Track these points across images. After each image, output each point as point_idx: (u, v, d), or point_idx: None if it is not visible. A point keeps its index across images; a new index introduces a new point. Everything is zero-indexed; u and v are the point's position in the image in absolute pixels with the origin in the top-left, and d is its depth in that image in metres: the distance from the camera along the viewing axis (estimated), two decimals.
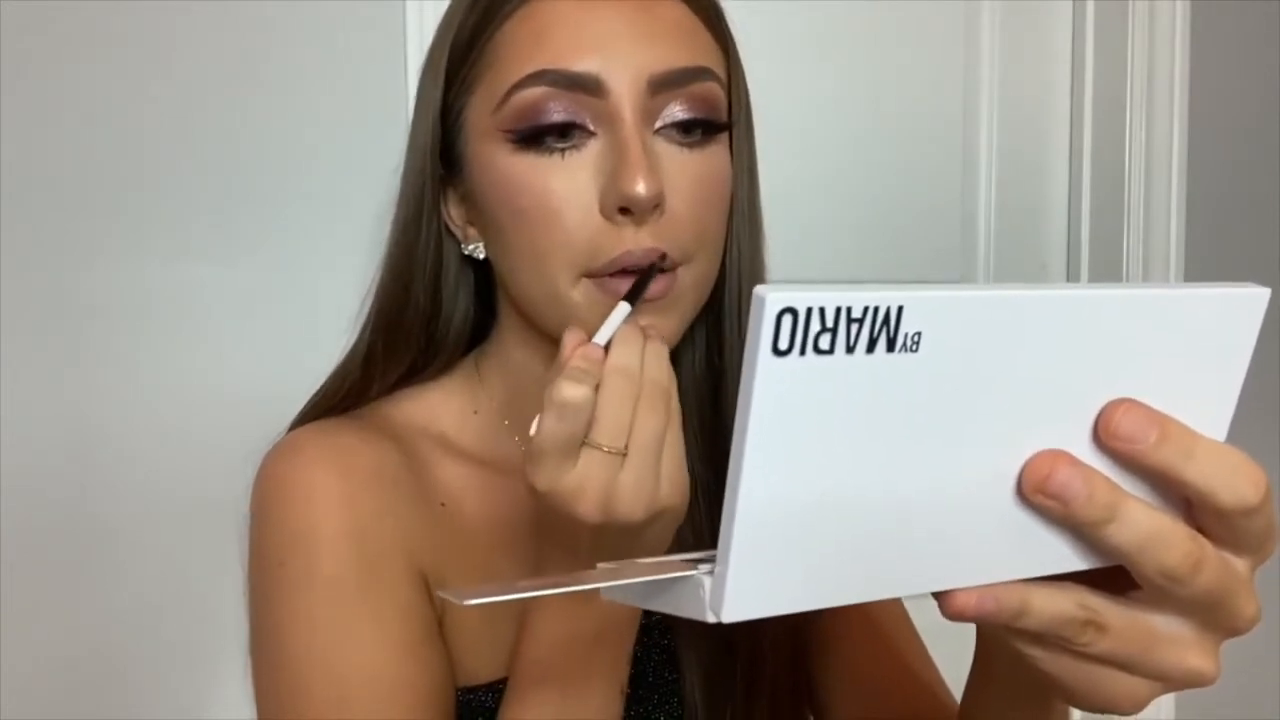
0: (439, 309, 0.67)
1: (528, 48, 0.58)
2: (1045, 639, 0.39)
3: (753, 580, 0.33)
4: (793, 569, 0.34)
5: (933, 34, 1.46)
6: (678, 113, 0.59)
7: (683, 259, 0.59)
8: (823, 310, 0.30)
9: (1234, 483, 0.37)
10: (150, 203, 1.11)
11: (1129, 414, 0.36)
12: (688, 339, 0.65)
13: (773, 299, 0.30)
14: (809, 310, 0.30)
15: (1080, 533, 0.37)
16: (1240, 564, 0.39)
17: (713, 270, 0.63)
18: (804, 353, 0.31)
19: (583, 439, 0.51)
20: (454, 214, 0.66)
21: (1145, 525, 0.36)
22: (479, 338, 0.70)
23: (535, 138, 0.58)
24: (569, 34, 0.58)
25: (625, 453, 0.51)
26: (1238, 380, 0.39)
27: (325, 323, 0.69)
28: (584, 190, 0.58)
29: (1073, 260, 1.55)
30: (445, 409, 0.68)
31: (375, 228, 0.69)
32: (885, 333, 0.32)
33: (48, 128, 1.08)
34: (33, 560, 1.08)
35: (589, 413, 0.50)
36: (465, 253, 0.66)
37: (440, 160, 0.64)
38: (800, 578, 0.34)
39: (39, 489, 1.08)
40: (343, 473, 0.61)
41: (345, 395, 0.68)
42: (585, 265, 0.58)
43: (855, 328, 0.31)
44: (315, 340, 0.71)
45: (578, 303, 0.59)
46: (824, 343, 0.31)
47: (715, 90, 0.61)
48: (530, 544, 0.61)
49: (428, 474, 0.66)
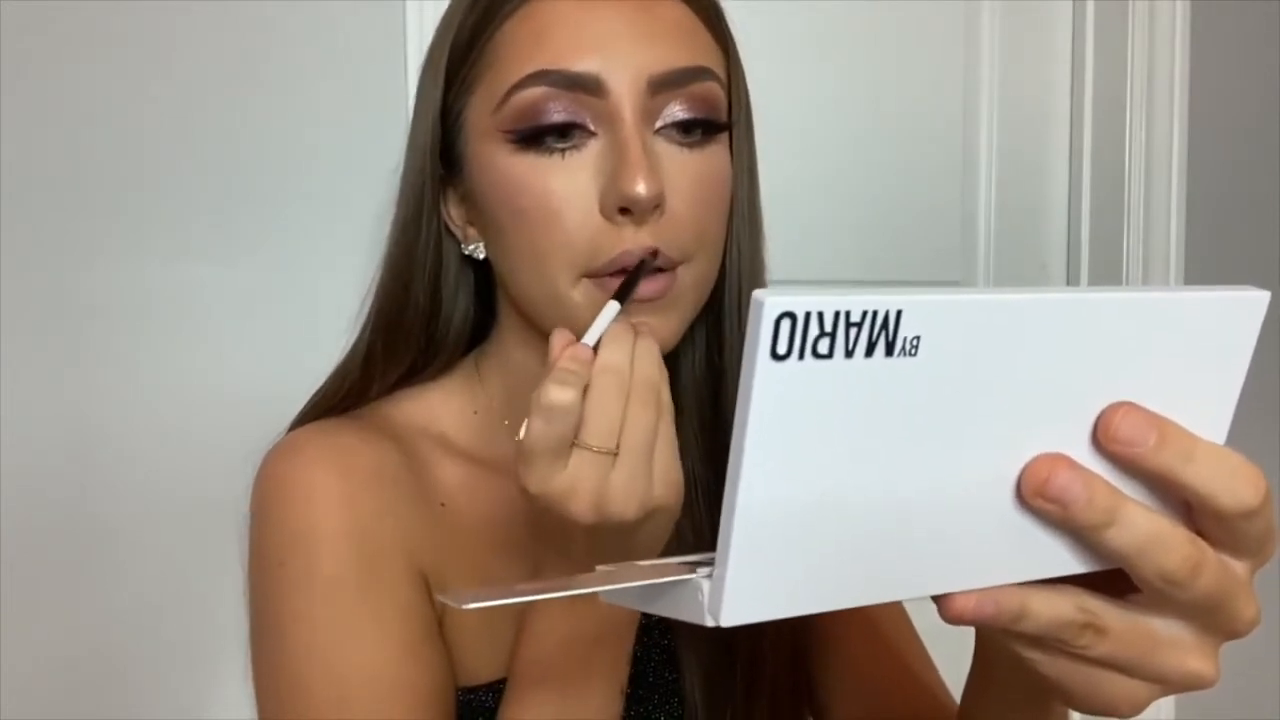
0: (439, 309, 0.67)
1: (528, 48, 0.58)
2: (1044, 642, 0.39)
3: (751, 584, 0.33)
4: (792, 573, 0.34)
5: (933, 34, 1.46)
6: (678, 113, 0.59)
7: (683, 259, 0.59)
8: (821, 314, 0.30)
9: (1233, 486, 0.37)
10: (150, 203, 1.11)
11: (1128, 417, 0.36)
12: (688, 339, 0.65)
13: (771, 303, 0.30)
14: (807, 314, 0.30)
15: (1079, 536, 0.37)
16: (1239, 567, 0.39)
17: (713, 270, 0.63)
18: (803, 357, 0.31)
19: (572, 440, 0.50)
20: (454, 214, 0.66)
21: (1144, 528, 0.36)
22: (479, 338, 0.70)
23: (535, 138, 0.58)
24: (569, 34, 0.58)
25: (616, 452, 0.51)
26: (1237, 383, 0.39)
27: (325, 323, 0.69)
28: (584, 190, 0.58)
29: (1073, 260, 1.55)
30: (445, 409, 0.68)
31: (375, 228, 0.69)
32: (884, 337, 0.32)
33: (48, 128, 1.08)
34: (33, 560, 1.08)
35: (577, 414, 0.50)
36: (465, 253, 0.66)
37: (440, 160, 0.64)
38: (799, 581, 0.34)
39: (39, 489, 1.08)
40: (343, 473, 0.61)
41: (345, 395, 0.68)
42: (585, 265, 0.58)
43: (854, 332, 0.31)
44: (315, 340, 0.71)
45: (578, 303, 0.59)
46: (823, 347, 0.31)
47: (715, 90, 0.61)
48: (530, 544, 0.61)
49: (427, 474, 0.66)
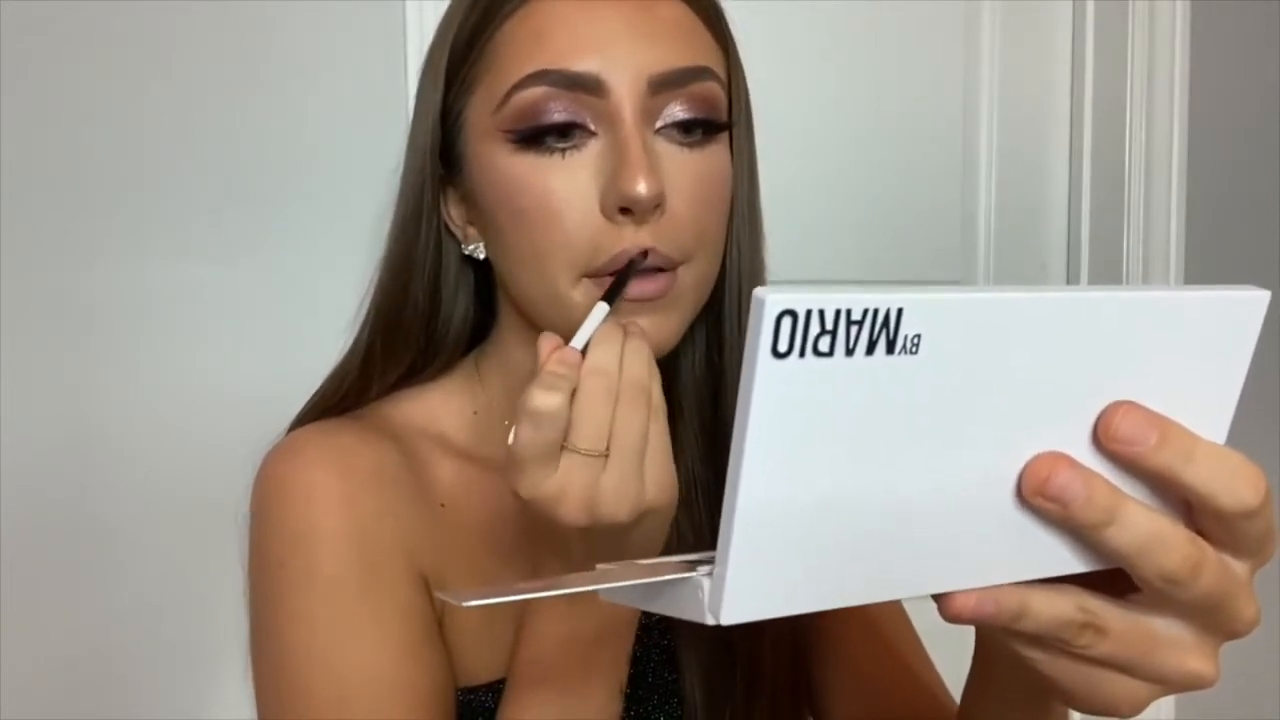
0: (438, 309, 0.67)
1: (528, 48, 0.58)
2: (1044, 641, 0.39)
3: (752, 582, 0.33)
4: (792, 571, 0.34)
5: (933, 34, 1.46)
6: (678, 113, 0.59)
7: (683, 259, 0.59)
8: (822, 312, 0.30)
9: (1233, 485, 0.37)
10: (150, 203, 1.11)
11: (1129, 416, 0.36)
12: (688, 339, 0.65)
13: (772, 301, 0.30)
14: (809, 312, 0.30)
15: (1080, 535, 0.37)
16: (1240, 566, 0.39)
17: (713, 270, 0.63)
18: (803, 355, 0.31)
19: (561, 444, 0.50)
20: (454, 214, 0.66)
21: (1145, 528, 0.36)
22: (479, 338, 0.70)
23: (536, 138, 0.58)
24: (569, 34, 0.58)
25: (607, 454, 0.51)
26: (1238, 383, 0.39)
27: (325, 323, 0.69)
28: (584, 190, 0.58)
29: (1073, 260, 1.55)
30: (445, 409, 0.68)
31: (375, 228, 0.69)
32: (885, 335, 0.32)
33: (48, 128, 1.08)
34: (33, 560, 1.08)
35: (564, 419, 0.50)
36: (465, 253, 0.66)
37: (440, 160, 0.64)
38: (799, 580, 0.34)
39: (39, 489, 1.08)
40: (343, 473, 0.61)
41: (344, 395, 0.68)
42: (585, 265, 0.58)
43: (855, 330, 0.31)
44: (315, 340, 0.70)
45: (578, 303, 0.59)
46: (823, 345, 0.31)
47: (715, 90, 0.61)
48: (528, 544, 0.61)
49: (427, 474, 0.66)
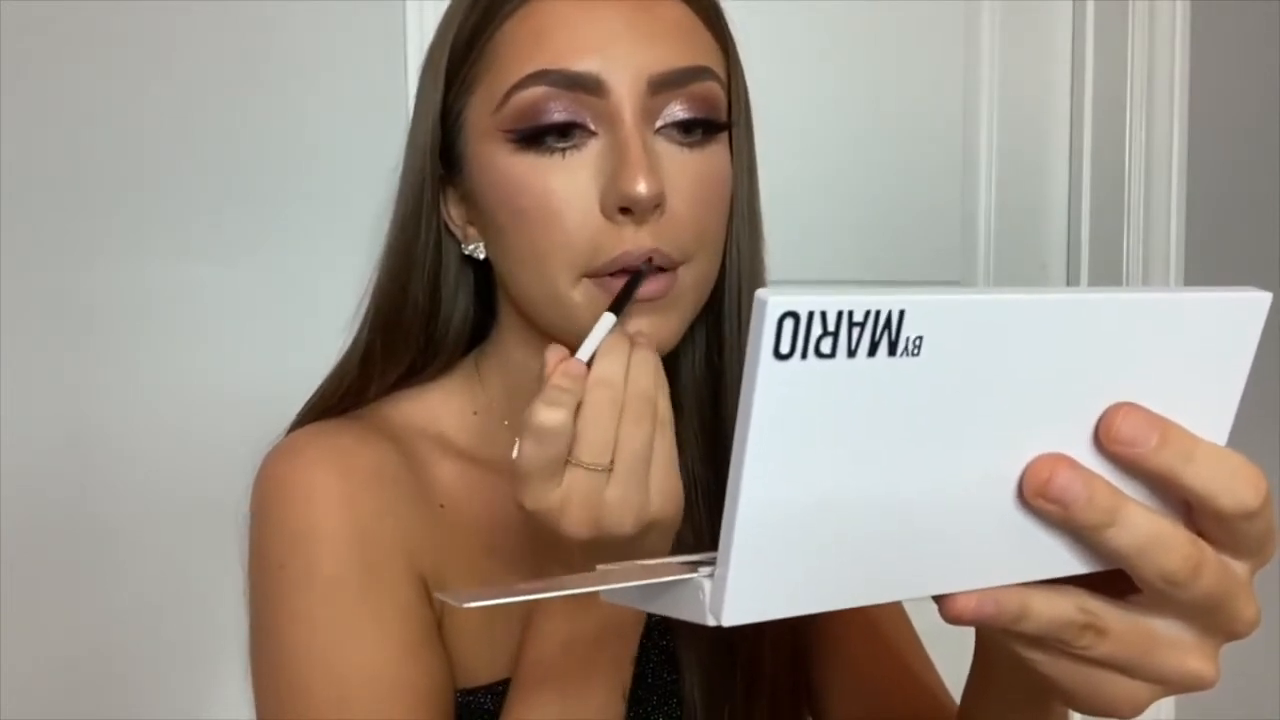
0: (438, 309, 0.67)
1: (528, 48, 0.58)
2: (1045, 642, 0.39)
3: (753, 584, 0.33)
4: (793, 572, 0.34)
5: (933, 34, 1.46)
6: (678, 112, 0.59)
7: (683, 259, 0.59)
8: (824, 314, 0.30)
9: (1234, 486, 0.37)
10: (150, 203, 1.11)
11: (1129, 418, 0.36)
12: (688, 339, 0.65)
13: (774, 303, 0.30)
14: (810, 314, 0.30)
15: (1080, 536, 0.37)
16: (1240, 567, 0.39)
17: (713, 270, 0.63)
18: (805, 356, 0.31)
19: (565, 458, 0.50)
20: (454, 214, 0.65)
21: (1145, 529, 0.36)
22: (479, 338, 0.70)
23: (535, 138, 0.58)
24: (569, 34, 0.58)
25: (611, 467, 0.51)
26: (1239, 384, 0.39)
27: (325, 323, 0.69)
28: (584, 190, 0.58)
29: (1073, 260, 1.55)
30: (445, 409, 0.68)
31: (375, 228, 0.69)
32: (887, 336, 0.31)
33: (48, 128, 1.08)
34: (33, 560, 1.08)
35: (568, 434, 0.50)
36: (465, 253, 0.66)
37: (440, 160, 0.64)
38: (800, 581, 0.34)
39: (39, 489, 1.08)
40: (343, 473, 0.61)
41: (344, 395, 0.67)
42: (586, 265, 0.58)
43: (857, 331, 0.31)
44: (315, 340, 0.70)
45: (578, 303, 0.59)
46: (825, 346, 0.31)
47: (715, 90, 0.61)
48: (530, 545, 0.61)
49: (427, 475, 0.65)
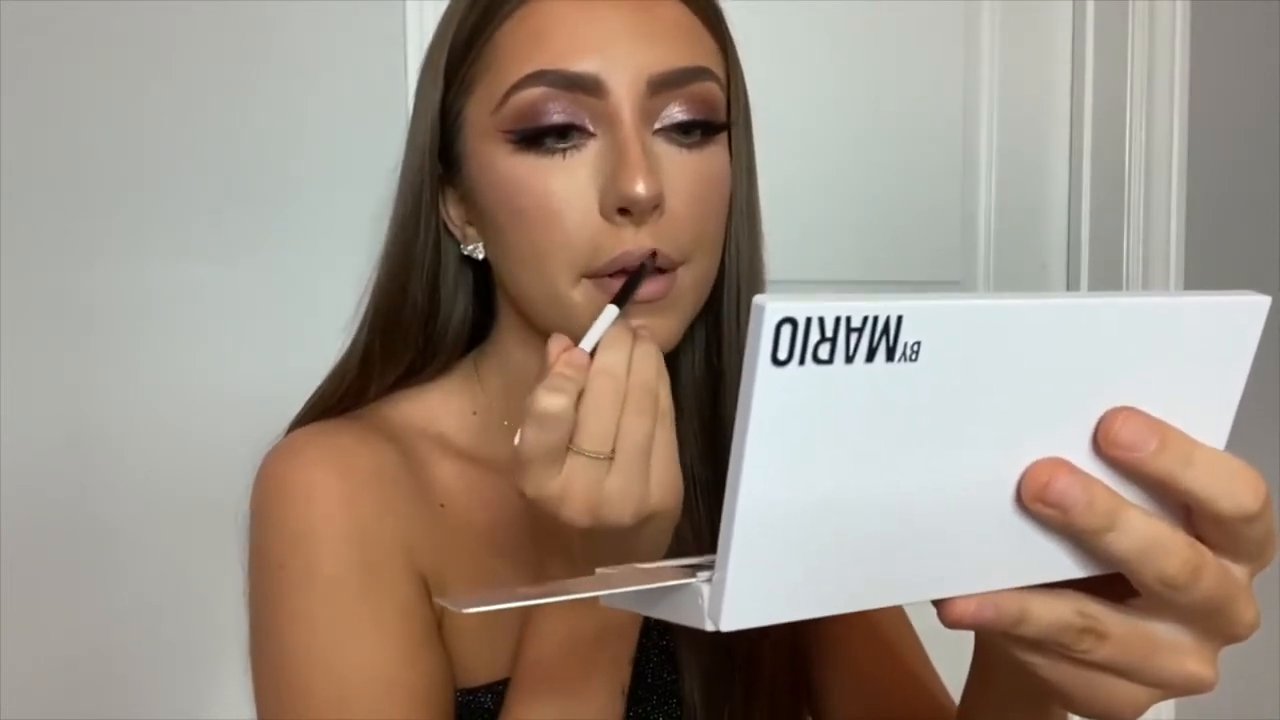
0: (437, 309, 0.67)
1: (527, 48, 0.58)
2: (1044, 646, 0.39)
3: (751, 588, 0.33)
4: (791, 577, 0.34)
5: (933, 34, 1.46)
6: (677, 113, 0.59)
7: (682, 259, 0.59)
8: (822, 320, 0.30)
9: (1233, 490, 0.37)
10: (150, 203, 1.11)
11: (1128, 422, 0.36)
12: (687, 339, 0.65)
13: (772, 309, 0.30)
14: (808, 320, 0.30)
15: (1080, 540, 0.37)
16: (1239, 571, 0.39)
17: (712, 270, 0.63)
18: (803, 362, 0.31)
19: (567, 445, 0.50)
20: (453, 214, 0.65)
21: (1144, 533, 0.36)
22: (478, 338, 0.70)
23: (535, 138, 0.58)
24: (568, 34, 0.58)
25: (612, 457, 0.51)
26: (1237, 388, 0.39)
27: (325, 323, 0.69)
28: (584, 191, 0.58)
29: (1073, 260, 1.55)
30: (444, 409, 0.68)
31: (375, 228, 0.69)
32: (884, 342, 0.31)
33: (48, 128, 1.07)
34: (33, 560, 1.08)
35: (569, 421, 0.50)
36: (464, 253, 0.66)
37: (439, 160, 0.64)
38: (799, 586, 0.34)
39: (39, 489, 1.08)
40: (342, 473, 0.61)
41: (343, 395, 0.68)
42: (585, 266, 0.58)
43: (854, 337, 0.31)
44: (315, 340, 0.70)
45: (578, 303, 0.59)
46: (823, 352, 0.31)
47: (714, 90, 0.61)
48: (530, 545, 0.61)
49: (426, 475, 0.66)
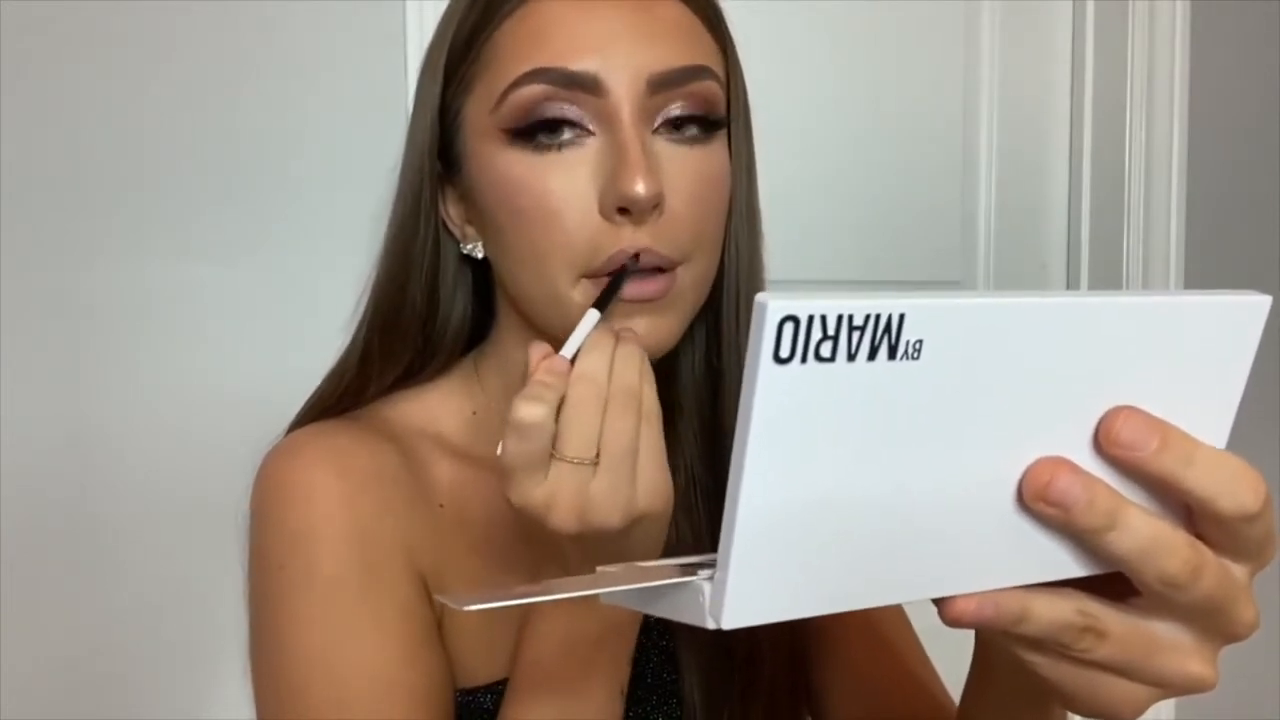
0: (436, 309, 0.67)
1: (526, 47, 0.58)
2: (1045, 645, 0.39)
3: (753, 587, 0.33)
4: (793, 576, 0.34)
5: (933, 34, 1.46)
6: (676, 112, 0.59)
7: (682, 259, 0.59)
8: (824, 318, 0.30)
9: (1234, 490, 0.37)
10: (150, 203, 1.11)
11: (1129, 421, 0.36)
12: (687, 338, 0.65)
13: (774, 307, 0.30)
14: (810, 318, 0.30)
15: (1081, 539, 0.37)
16: (1239, 570, 0.39)
17: (711, 269, 0.63)
18: (805, 360, 0.31)
19: (549, 453, 0.50)
20: (452, 213, 0.65)
21: (1145, 532, 0.36)
22: (478, 338, 0.70)
23: (533, 135, 0.58)
24: (568, 34, 0.58)
25: (597, 461, 0.51)
26: (1238, 388, 0.39)
27: (325, 323, 0.69)
28: (583, 190, 0.58)
29: (1073, 260, 1.55)
30: (443, 410, 0.68)
31: (375, 228, 0.69)
32: (887, 340, 0.31)
33: (48, 128, 1.08)
34: (33, 560, 1.08)
35: (549, 429, 0.50)
36: (464, 252, 0.65)
37: (439, 159, 0.64)
38: (800, 584, 0.34)
39: (39, 489, 1.08)
40: (342, 473, 0.61)
41: (342, 395, 0.67)
42: (585, 265, 0.58)
43: (857, 335, 0.31)
44: (315, 340, 0.70)
45: (577, 303, 0.58)
46: (825, 350, 0.31)
47: (714, 89, 0.61)
48: (528, 545, 0.61)
49: (426, 475, 0.65)
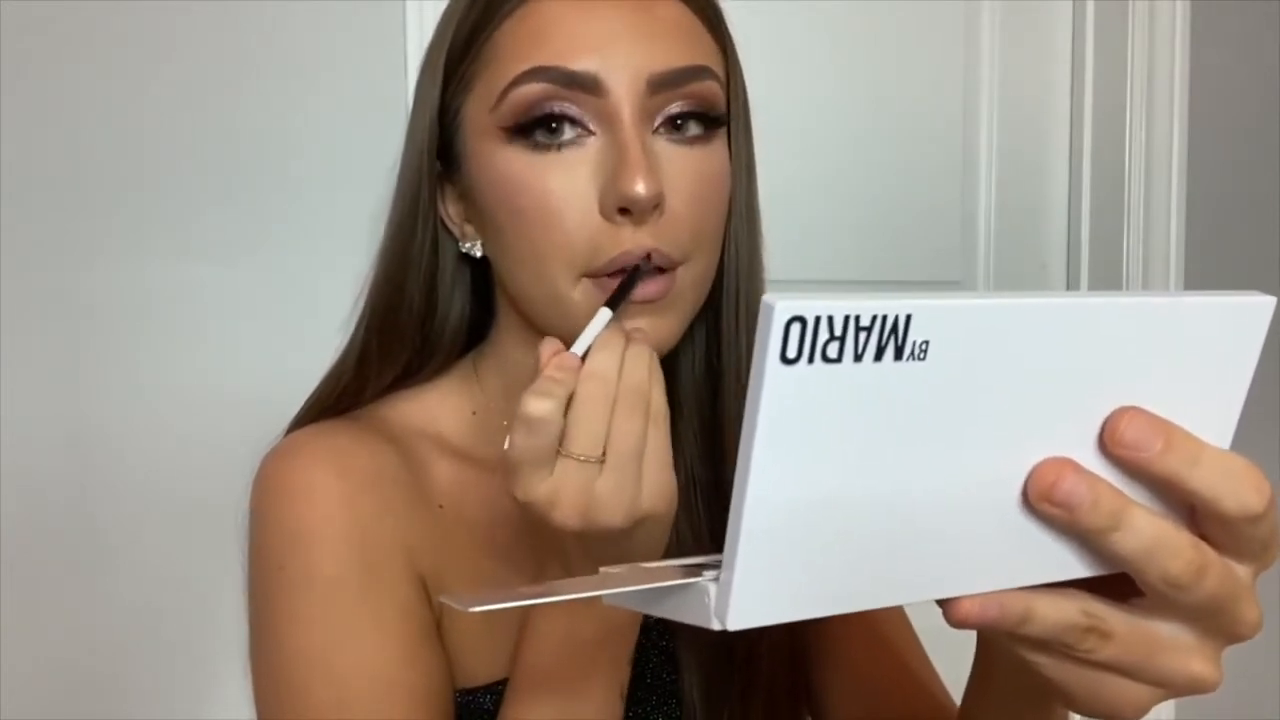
0: (435, 308, 0.67)
1: (526, 46, 0.58)
2: (1048, 645, 0.39)
3: (758, 588, 0.33)
4: (798, 576, 0.34)
5: (933, 34, 1.46)
6: (676, 112, 0.59)
7: (682, 259, 0.59)
8: (831, 319, 0.30)
9: (1238, 490, 0.37)
10: (150, 203, 1.11)
11: (1134, 422, 0.36)
12: (687, 339, 0.65)
13: (781, 308, 0.30)
14: (817, 319, 0.30)
15: (1085, 540, 0.37)
16: (1243, 571, 0.39)
17: (711, 269, 0.63)
18: (812, 361, 0.31)
19: (556, 449, 0.50)
20: (451, 212, 0.65)
21: (1149, 532, 0.36)
22: (477, 337, 0.70)
23: (532, 133, 0.58)
24: (568, 33, 0.58)
25: (603, 460, 0.51)
26: (1242, 388, 0.39)
27: (324, 323, 0.69)
28: (583, 190, 0.58)
29: (1073, 260, 1.55)
30: (442, 410, 0.68)
31: (375, 228, 0.69)
32: (893, 341, 0.31)
33: (48, 128, 1.08)
34: (33, 560, 1.08)
35: (558, 425, 0.50)
36: (463, 250, 0.65)
37: (438, 158, 0.64)
38: (805, 585, 0.34)
39: (39, 489, 1.08)
40: (341, 473, 0.61)
41: (340, 396, 0.67)
42: (585, 265, 0.58)
43: (863, 336, 0.31)
44: (315, 340, 0.70)
45: (577, 303, 0.58)
46: (832, 351, 0.31)
47: (714, 89, 0.61)
48: (529, 545, 0.61)
49: (425, 475, 0.65)
